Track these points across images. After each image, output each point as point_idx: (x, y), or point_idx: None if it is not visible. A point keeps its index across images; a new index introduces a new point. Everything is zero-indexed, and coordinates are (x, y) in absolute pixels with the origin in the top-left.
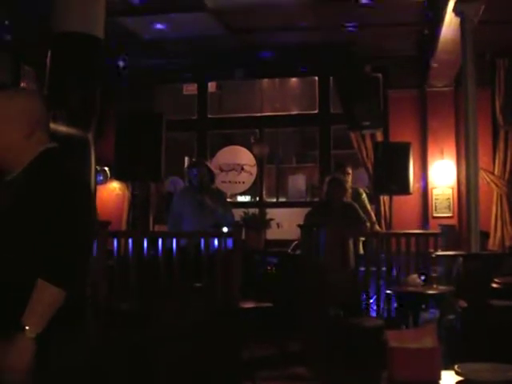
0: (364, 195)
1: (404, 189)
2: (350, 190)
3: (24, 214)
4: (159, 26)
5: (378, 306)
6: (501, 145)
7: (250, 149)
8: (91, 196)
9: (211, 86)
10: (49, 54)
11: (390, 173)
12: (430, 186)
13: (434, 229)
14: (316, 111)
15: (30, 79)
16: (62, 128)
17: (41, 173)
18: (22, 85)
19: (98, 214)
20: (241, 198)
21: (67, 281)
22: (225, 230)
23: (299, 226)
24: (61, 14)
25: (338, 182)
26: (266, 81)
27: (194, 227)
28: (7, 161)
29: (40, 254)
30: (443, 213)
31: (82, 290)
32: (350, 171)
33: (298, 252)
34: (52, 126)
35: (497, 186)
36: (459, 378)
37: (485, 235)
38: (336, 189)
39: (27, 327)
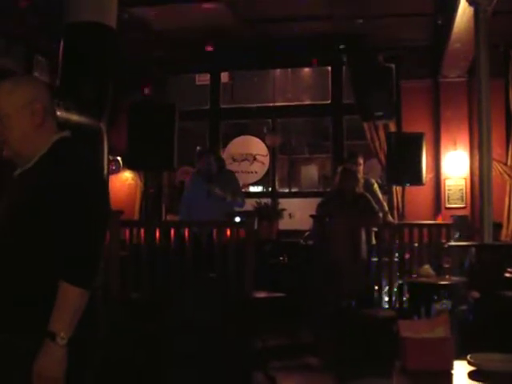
0: (376, 185)
1: (417, 179)
2: (362, 181)
3: (39, 207)
4: (173, 16)
5: (391, 296)
6: None
7: (262, 139)
8: (106, 186)
9: (224, 77)
10: (61, 43)
11: (403, 163)
12: (442, 177)
13: (446, 219)
14: (329, 101)
15: (42, 69)
16: (75, 117)
17: (56, 163)
18: (35, 75)
19: (111, 204)
20: (253, 188)
21: (89, 280)
22: (237, 219)
23: (312, 216)
24: (73, 3)
25: (349, 173)
26: (278, 71)
27: (202, 215)
28: (20, 155)
29: (56, 248)
30: (456, 203)
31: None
32: (362, 161)
33: (310, 242)
34: (65, 115)
35: (510, 176)
36: (471, 368)
37: (497, 226)
38: (348, 179)
39: (58, 334)
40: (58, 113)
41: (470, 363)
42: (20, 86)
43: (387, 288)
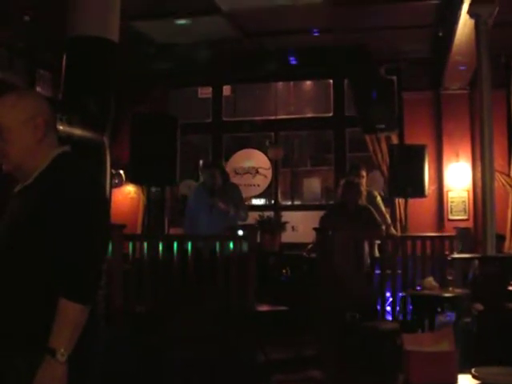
0: (378, 198)
1: (419, 191)
2: (364, 193)
3: (39, 223)
4: (174, 29)
5: (394, 309)
6: None
7: (264, 152)
8: (107, 201)
9: (226, 90)
10: (64, 57)
11: (406, 175)
12: (445, 189)
13: (449, 231)
14: (331, 114)
15: (45, 83)
16: (78, 131)
17: (56, 179)
18: (38, 89)
19: (114, 218)
20: (256, 201)
21: (89, 296)
22: (240, 232)
23: (315, 229)
24: (76, 17)
25: (352, 185)
26: (280, 84)
27: (206, 229)
28: (21, 169)
29: (56, 264)
30: (459, 215)
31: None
32: (365, 174)
33: (313, 255)
34: (67, 129)
35: None
36: (476, 382)
37: (501, 238)
38: (351, 192)
39: (58, 351)
40: (61, 127)
41: (474, 377)
42: (23, 100)
43: (390, 300)
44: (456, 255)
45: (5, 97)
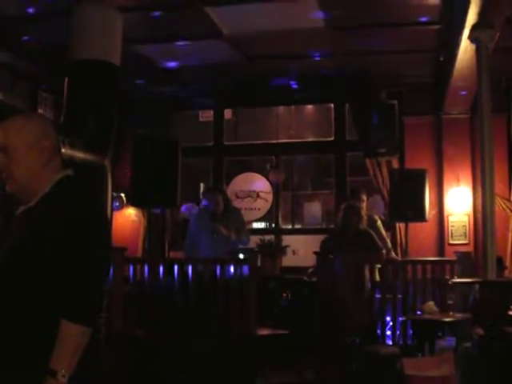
0: (379, 222)
1: (420, 216)
2: (365, 217)
3: (41, 245)
4: (176, 53)
5: (394, 333)
6: None
7: (265, 175)
8: (108, 224)
9: (227, 113)
10: (66, 80)
11: (406, 200)
12: (445, 213)
13: (449, 255)
14: (332, 138)
15: (47, 105)
16: (79, 154)
17: (58, 203)
18: (40, 111)
19: (115, 240)
20: (256, 225)
21: (91, 317)
22: (241, 256)
23: (315, 253)
24: (78, 41)
25: (353, 209)
26: (281, 108)
27: (207, 253)
28: (24, 191)
29: (57, 286)
30: (459, 240)
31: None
32: (365, 198)
33: (313, 279)
34: (69, 152)
35: None
36: None
37: (501, 262)
38: (352, 216)
39: (59, 372)
40: (63, 150)
41: None
42: (31, 122)
43: (391, 324)
44: (456, 280)
45: (13, 119)
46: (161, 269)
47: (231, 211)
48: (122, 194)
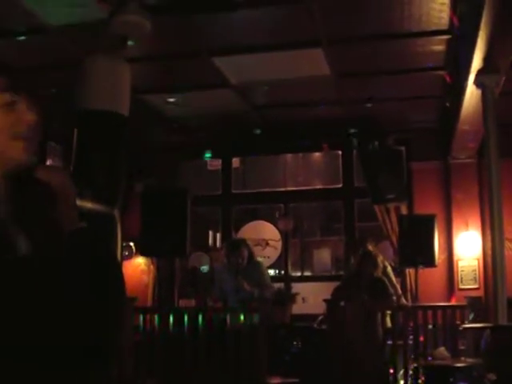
0: (389, 268)
1: (429, 261)
2: (381, 265)
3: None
4: (184, 103)
5: (406, 379)
6: None
7: (274, 223)
8: (122, 275)
9: (235, 162)
10: (75, 131)
11: (415, 245)
12: (455, 258)
13: (460, 300)
14: (340, 185)
15: (55, 155)
16: (89, 205)
17: (72, 255)
18: (48, 162)
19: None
20: None
21: (105, 369)
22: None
23: (325, 300)
24: (87, 92)
25: (370, 257)
26: (289, 155)
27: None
28: None
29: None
30: (469, 284)
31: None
32: (372, 248)
33: (323, 327)
34: (78, 202)
35: None
36: None
37: None
38: (367, 264)
39: None
40: None
41: None
42: (56, 177)
43: (402, 371)
44: (467, 325)
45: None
46: (171, 318)
47: (254, 265)
48: (131, 244)
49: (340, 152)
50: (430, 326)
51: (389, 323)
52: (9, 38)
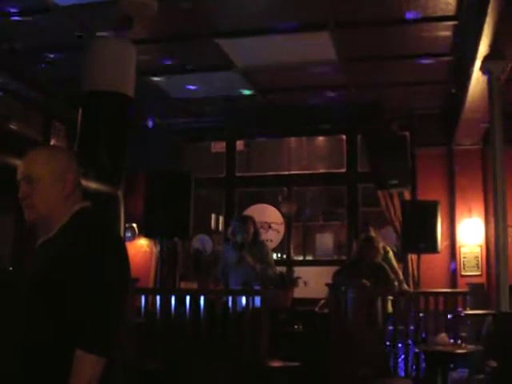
0: (391, 253)
1: (432, 247)
2: (382, 251)
3: (59, 276)
4: (188, 85)
5: (407, 365)
6: None
7: (277, 207)
8: (127, 255)
9: (239, 145)
10: (79, 111)
11: (418, 231)
12: (458, 245)
13: (462, 287)
14: (344, 170)
15: (59, 136)
16: (93, 185)
17: (78, 233)
18: (53, 141)
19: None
20: None
21: (107, 348)
22: (257, 287)
23: (327, 284)
24: (92, 72)
25: (371, 242)
26: (293, 139)
27: (234, 281)
28: (44, 220)
29: (74, 318)
30: (471, 271)
31: (112, 353)
32: (373, 234)
33: (325, 311)
34: (83, 182)
35: None
36: None
37: None
38: (370, 248)
39: None
40: None
41: None
42: (56, 155)
43: (403, 356)
44: (469, 311)
45: (39, 150)
46: (172, 300)
47: (260, 244)
48: (134, 225)
49: (344, 137)
50: (432, 312)
51: (390, 309)
52: (15, 17)
